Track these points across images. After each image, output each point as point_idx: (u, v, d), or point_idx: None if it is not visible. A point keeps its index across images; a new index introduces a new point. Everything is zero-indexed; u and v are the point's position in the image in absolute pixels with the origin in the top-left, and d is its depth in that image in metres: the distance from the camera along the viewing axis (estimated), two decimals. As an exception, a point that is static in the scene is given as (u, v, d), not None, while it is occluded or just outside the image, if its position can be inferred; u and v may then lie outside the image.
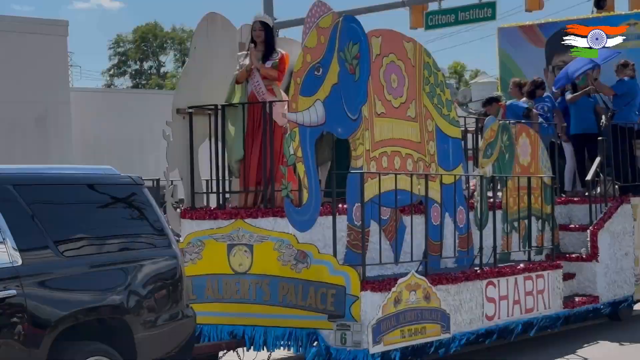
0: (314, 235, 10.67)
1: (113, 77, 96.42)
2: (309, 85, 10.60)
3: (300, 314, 10.47)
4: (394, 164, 11.77)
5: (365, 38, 11.15)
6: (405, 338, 10.85)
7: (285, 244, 10.57)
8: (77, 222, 7.96)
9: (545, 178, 14.67)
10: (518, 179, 13.87)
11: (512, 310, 12.84)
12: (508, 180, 13.82)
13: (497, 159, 13.53)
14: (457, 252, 12.70)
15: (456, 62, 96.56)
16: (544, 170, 14.74)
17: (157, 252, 8.53)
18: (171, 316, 8.52)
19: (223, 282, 10.92)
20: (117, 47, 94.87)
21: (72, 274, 7.63)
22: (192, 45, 12.01)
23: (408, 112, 12.11)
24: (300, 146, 10.38)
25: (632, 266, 15.61)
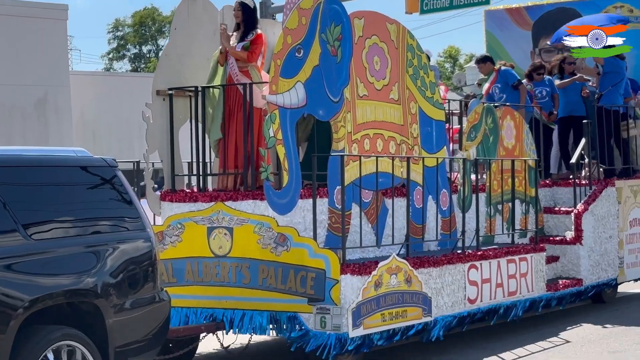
0: (294, 218, 10.39)
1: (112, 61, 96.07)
2: (289, 66, 10.32)
3: (280, 297, 10.19)
4: (377, 146, 11.50)
5: (347, 19, 10.88)
6: (386, 321, 10.57)
7: (265, 227, 10.28)
8: (47, 204, 7.66)
9: (529, 161, 14.37)
10: (502, 162, 13.53)
11: (495, 294, 12.56)
12: (492, 163, 13.50)
13: (481, 141, 13.26)
14: (440, 235, 12.43)
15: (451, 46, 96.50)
16: (528, 153, 14.44)
17: (130, 235, 8.21)
18: (145, 300, 8.21)
19: (203, 265, 10.63)
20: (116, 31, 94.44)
21: (41, 258, 7.32)
22: (172, 26, 11.67)
23: (391, 94, 11.82)
24: (280, 128, 10.10)
25: (616, 249, 15.35)
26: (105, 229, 8.06)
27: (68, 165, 8.07)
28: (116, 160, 8.54)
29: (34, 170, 7.74)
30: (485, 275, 12.39)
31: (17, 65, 28.57)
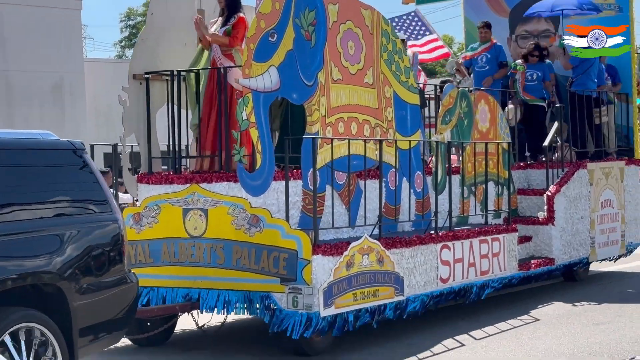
0: (267, 200, 10.08)
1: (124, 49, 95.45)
2: (262, 51, 9.98)
3: (254, 277, 9.84)
4: (351, 129, 11.16)
5: (321, 4, 10.58)
6: (358, 301, 10.23)
7: (239, 209, 9.90)
8: (9, 187, 7.20)
9: (503, 144, 13.95)
10: (474, 144, 13.12)
11: (467, 273, 12.19)
12: (466, 145, 13.08)
13: (455, 125, 12.86)
14: (414, 216, 12.08)
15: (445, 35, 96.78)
16: (502, 136, 14.04)
17: (96, 217, 7.76)
18: (111, 282, 7.77)
19: (179, 245, 10.25)
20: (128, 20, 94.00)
21: (1, 240, 6.89)
22: (149, 11, 11.24)
23: (365, 78, 11.45)
24: (253, 111, 9.79)
25: (588, 229, 14.97)
26: (70, 212, 7.60)
27: (32, 148, 7.59)
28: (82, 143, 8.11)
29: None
30: (458, 255, 12.02)
31: (34, 53, 28.33)
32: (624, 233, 15.96)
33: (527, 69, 15.45)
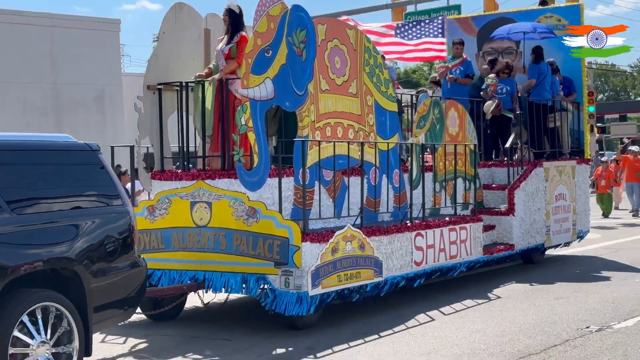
0: (263, 194, 9.90)
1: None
2: (259, 65, 9.77)
3: (251, 261, 9.68)
4: (337, 133, 10.99)
5: (311, 25, 10.44)
6: (342, 282, 10.05)
7: (239, 202, 9.76)
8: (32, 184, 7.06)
9: (470, 145, 13.75)
10: (445, 146, 12.91)
11: (438, 257, 11.98)
12: (438, 147, 12.86)
13: (429, 129, 12.65)
14: (392, 208, 11.85)
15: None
16: (470, 139, 13.81)
17: (109, 210, 7.62)
18: (123, 266, 7.67)
19: (187, 234, 10.08)
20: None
21: (23, 230, 6.75)
22: (160, 30, 10.98)
23: (350, 89, 11.27)
24: (250, 117, 9.61)
25: (544, 219, 14.76)
26: (85, 205, 7.48)
27: (52, 149, 7.47)
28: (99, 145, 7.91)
29: (21, 154, 7.18)
30: (430, 242, 11.81)
31: (80, 68, 28.55)
32: (575, 222, 15.78)
33: (499, 83, 15.23)
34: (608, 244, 18.68)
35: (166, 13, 10.95)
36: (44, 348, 6.73)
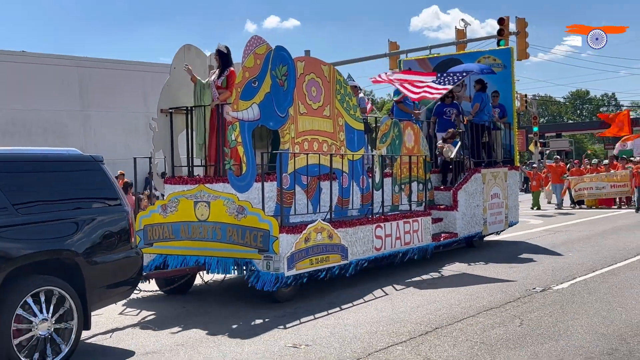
0: (251, 195, 9.01)
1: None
2: (247, 93, 8.96)
3: (241, 248, 8.78)
4: (313, 147, 10.12)
5: (292, 62, 9.61)
6: (313, 265, 9.12)
7: (230, 201, 8.87)
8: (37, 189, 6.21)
9: (424, 156, 12.72)
10: (401, 157, 11.89)
11: (395, 244, 10.98)
12: (397, 158, 11.84)
13: (390, 144, 11.66)
14: (359, 205, 10.91)
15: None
16: (423, 151, 12.78)
17: (108, 210, 6.71)
18: (119, 256, 6.76)
19: (191, 226, 9.17)
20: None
21: (25, 227, 5.87)
22: (172, 65, 10.12)
23: (324, 112, 10.37)
24: (240, 134, 8.78)
25: (482, 213, 13.71)
26: (86, 206, 6.56)
27: (59, 160, 6.56)
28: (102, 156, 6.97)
29: (29, 165, 6.38)
30: (388, 232, 10.82)
31: (144, 101, 25.18)
32: (507, 215, 14.72)
33: (446, 106, 14.19)
34: (548, 228, 18.21)
35: (177, 52, 10.11)
36: (45, 324, 5.96)
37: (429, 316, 7.97)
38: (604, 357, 6.20)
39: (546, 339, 6.84)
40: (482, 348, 6.55)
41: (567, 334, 7.01)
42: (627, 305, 8.25)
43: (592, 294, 9.01)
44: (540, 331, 7.13)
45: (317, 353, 6.55)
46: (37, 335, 5.85)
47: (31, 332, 5.82)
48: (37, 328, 5.84)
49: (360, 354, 6.47)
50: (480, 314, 8.01)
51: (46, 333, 5.91)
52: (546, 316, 7.81)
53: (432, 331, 7.25)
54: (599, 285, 9.68)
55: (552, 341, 6.74)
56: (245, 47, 9.15)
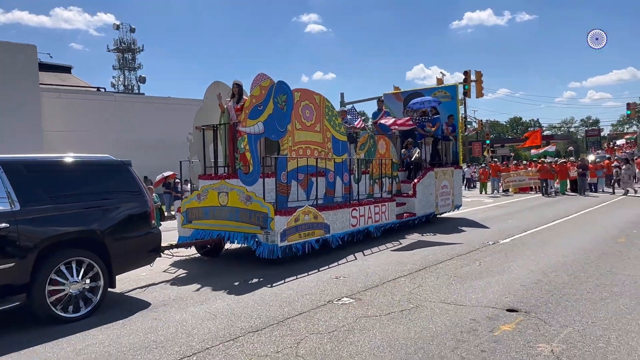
0: (256, 188, 7.92)
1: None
2: (253, 114, 7.87)
3: (249, 226, 7.80)
4: (307, 152, 8.96)
5: (290, 92, 8.49)
6: (302, 237, 8.05)
7: (241, 192, 7.86)
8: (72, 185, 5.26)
9: (393, 159, 11.51)
10: (373, 160, 10.73)
11: (367, 222, 9.82)
12: (373, 161, 10.69)
13: (366, 150, 10.51)
14: (342, 194, 9.72)
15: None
16: (393, 156, 11.58)
17: (132, 200, 5.74)
18: (140, 234, 5.78)
19: (216, 210, 8.21)
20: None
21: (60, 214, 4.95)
22: (204, 96, 9.16)
23: (315, 128, 9.21)
24: (247, 144, 7.70)
25: (434, 199, 12.43)
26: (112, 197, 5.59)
27: (94, 163, 5.63)
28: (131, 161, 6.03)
29: (67, 166, 5.37)
30: (362, 213, 9.67)
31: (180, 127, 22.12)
32: (453, 199, 13.38)
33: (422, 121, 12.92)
34: (497, 204, 17.81)
35: (209, 86, 9.11)
36: (76, 285, 5.07)
37: (421, 260, 7.77)
38: (533, 284, 6.10)
39: (495, 273, 6.76)
40: (455, 279, 6.49)
41: (509, 270, 6.92)
42: (547, 252, 8.13)
43: (525, 245, 8.87)
44: (492, 269, 7.05)
45: (350, 281, 6.47)
46: (69, 293, 4.97)
47: (64, 291, 4.94)
48: (69, 288, 4.97)
49: (378, 282, 6.40)
50: (453, 258, 7.88)
51: (77, 292, 5.03)
52: (495, 259, 7.70)
53: (423, 269, 7.15)
54: (529, 239, 9.52)
55: (499, 275, 6.66)
56: (253, 81, 8.16)
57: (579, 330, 4.45)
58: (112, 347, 4.33)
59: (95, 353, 4.22)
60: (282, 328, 4.64)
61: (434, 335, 4.36)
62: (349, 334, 4.43)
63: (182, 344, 4.35)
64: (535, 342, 4.17)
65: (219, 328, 4.71)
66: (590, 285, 5.97)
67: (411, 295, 5.66)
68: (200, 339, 4.43)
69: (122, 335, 4.63)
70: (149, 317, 5.15)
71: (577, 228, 10.88)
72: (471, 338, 4.28)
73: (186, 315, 5.16)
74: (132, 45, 59.75)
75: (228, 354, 4.05)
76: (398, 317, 4.87)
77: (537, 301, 5.31)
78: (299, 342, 4.26)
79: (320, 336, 4.39)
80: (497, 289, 5.86)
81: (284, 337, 4.38)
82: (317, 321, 4.81)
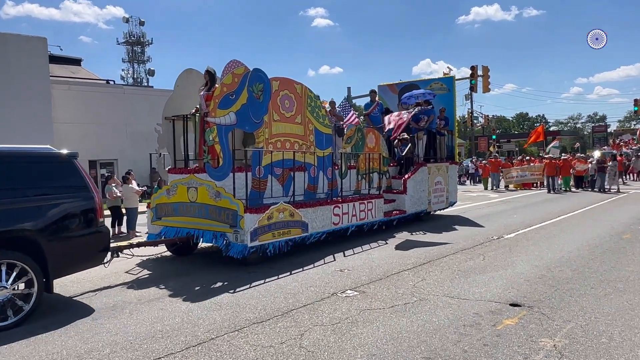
0: (227, 183, 7.37)
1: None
2: (224, 103, 7.27)
3: (218, 224, 7.26)
4: (286, 145, 8.38)
5: (268, 81, 7.88)
6: (276, 237, 7.50)
7: (211, 187, 7.30)
8: (17, 178, 4.76)
9: (383, 153, 10.94)
10: (361, 155, 10.16)
11: (351, 219, 9.27)
12: (360, 155, 10.12)
13: (354, 144, 9.94)
14: (328, 190, 9.17)
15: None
16: (383, 150, 10.98)
17: (74, 195, 5.19)
18: (84, 233, 5.22)
19: (185, 206, 7.66)
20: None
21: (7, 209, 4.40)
22: (175, 84, 8.60)
23: (296, 119, 8.62)
24: (217, 135, 7.11)
25: (427, 195, 11.82)
26: (53, 192, 5.05)
27: (32, 155, 5.09)
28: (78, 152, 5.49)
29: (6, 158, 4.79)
30: (345, 210, 9.12)
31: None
32: (447, 197, 12.78)
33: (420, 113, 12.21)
34: (502, 199, 17.52)
35: (181, 73, 8.54)
36: (5, 291, 4.54)
37: (424, 254, 7.72)
38: (536, 279, 6.02)
39: (499, 268, 6.69)
40: (459, 273, 6.42)
41: (513, 265, 6.84)
42: (551, 248, 8.05)
43: (529, 241, 8.78)
44: (496, 263, 6.98)
45: (355, 274, 6.47)
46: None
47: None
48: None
49: (382, 276, 6.35)
50: (457, 252, 7.83)
51: (4, 298, 4.52)
52: (500, 254, 7.63)
53: (427, 263, 7.10)
54: (534, 235, 9.42)
55: (503, 269, 6.59)
56: (224, 68, 7.60)
57: (582, 325, 4.41)
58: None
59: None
60: (287, 319, 4.69)
61: (437, 329, 4.37)
62: (352, 326, 4.47)
63: (187, 333, 4.35)
64: (538, 337, 4.15)
65: (224, 319, 4.75)
66: (594, 281, 5.92)
67: (415, 289, 5.69)
68: (206, 329, 4.46)
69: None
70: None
71: (583, 224, 10.80)
72: (474, 332, 4.28)
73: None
74: (142, 38, 59.58)
75: (233, 345, 4.08)
76: (401, 310, 4.90)
77: (540, 296, 5.29)
78: (302, 333, 4.31)
79: (324, 328, 4.43)
80: (501, 283, 5.85)
81: (288, 329, 4.43)
82: (321, 313, 4.86)
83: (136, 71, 60.46)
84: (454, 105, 13.31)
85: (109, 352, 3.99)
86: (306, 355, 3.83)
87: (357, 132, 10.13)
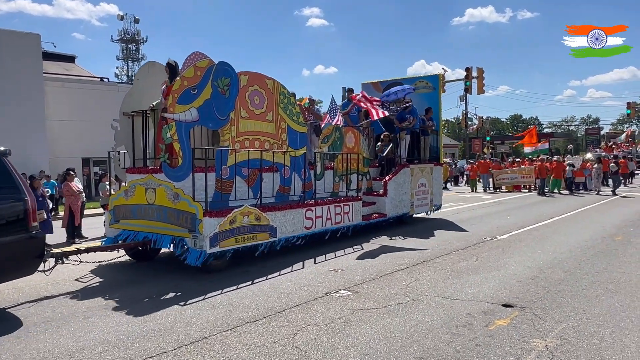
0: (186, 184, 6.89)
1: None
2: (185, 98, 6.83)
3: (177, 228, 6.80)
4: (255, 145, 7.95)
5: (235, 75, 7.47)
6: (239, 242, 7.03)
7: (169, 189, 6.86)
8: None
9: (364, 153, 10.51)
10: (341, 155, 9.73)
11: (325, 223, 8.82)
12: (338, 155, 9.69)
13: (331, 144, 9.53)
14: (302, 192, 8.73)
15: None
16: (363, 151, 10.56)
17: (5, 197, 4.73)
18: (13, 239, 4.75)
19: (143, 208, 7.22)
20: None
21: None
22: (135, 77, 8.16)
23: (267, 117, 8.19)
24: (176, 132, 6.65)
25: (409, 198, 11.41)
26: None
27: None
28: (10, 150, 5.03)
29: None
30: (318, 214, 8.68)
31: None
32: (431, 200, 12.38)
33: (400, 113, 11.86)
34: (495, 200, 17.38)
35: (142, 66, 8.10)
36: None
37: (418, 255, 7.76)
38: (529, 280, 6.06)
39: (492, 269, 6.72)
40: (452, 274, 6.44)
41: (506, 266, 6.88)
42: (544, 249, 8.08)
43: (522, 242, 8.85)
44: (489, 264, 7.01)
45: (348, 274, 6.50)
46: None
47: None
48: None
49: (375, 276, 6.39)
50: (451, 253, 7.88)
51: None
52: (492, 255, 7.67)
53: (420, 263, 7.13)
54: (527, 236, 9.48)
55: (496, 270, 6.63)
56: (186, 60, 7.17)
57: (574, 326, 4.44)
58: None
59: None
60: (280, 319, 4.69)
61: (430, 329, 4.38)
62: (345, 325, 4.49)
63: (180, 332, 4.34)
64: (530, 337, 4.17)
65: (217, 318, 4.74)
66: (586, 282, 5.97)
67: (408, 289, 5.70)
68: (199, 328, 4.44)
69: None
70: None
71: (575, 225, 10.86)
72: (466, 332, 4.29)
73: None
74: (136, 36, 59.04)
75: (225, 344, 4.07)
76: (394, 310, 4.92)
77: (532, 297, 5.33)
78: (295, 333, 4.32)
79: (317, 327, 4.44)
80: (494, 284, 5.88)
81: (281, 328, 4.44)
82: (314, 313, 4.87)
83: (130, 69, 60.04)
84: (439, 104, 12.93)
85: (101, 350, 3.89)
86: (299, 354, 3.82)
87: (335, 131, 9.71)
